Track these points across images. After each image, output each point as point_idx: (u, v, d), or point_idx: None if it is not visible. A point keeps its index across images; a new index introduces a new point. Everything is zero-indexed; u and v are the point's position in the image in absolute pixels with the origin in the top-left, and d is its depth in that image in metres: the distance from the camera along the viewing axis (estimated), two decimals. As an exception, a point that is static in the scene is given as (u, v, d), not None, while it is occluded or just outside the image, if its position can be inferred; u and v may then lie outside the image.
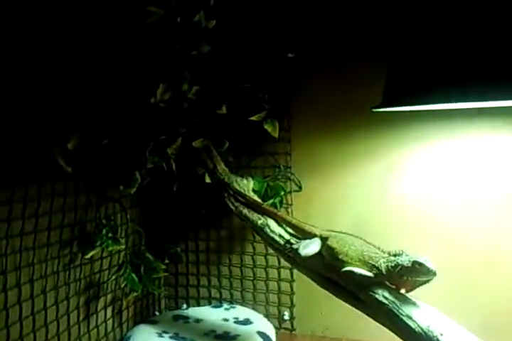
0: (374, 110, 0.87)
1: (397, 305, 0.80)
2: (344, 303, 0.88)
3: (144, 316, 1.26)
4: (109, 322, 1.12)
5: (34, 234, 0.89)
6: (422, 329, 0.76)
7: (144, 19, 0.98)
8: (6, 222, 0.84)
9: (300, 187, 1.20)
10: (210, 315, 1.22)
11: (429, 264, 0.78)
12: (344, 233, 0.90)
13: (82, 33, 0.95)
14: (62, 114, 0.87)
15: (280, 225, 1.00)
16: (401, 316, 0.79)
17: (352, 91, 1.14)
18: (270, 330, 1.17)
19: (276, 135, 1.14)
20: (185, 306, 1.31)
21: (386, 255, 0.83)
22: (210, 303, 1.30)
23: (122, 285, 1.09)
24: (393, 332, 0.81)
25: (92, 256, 1.01)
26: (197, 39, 1.04)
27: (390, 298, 0.81)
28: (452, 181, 1.10)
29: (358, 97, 1.11)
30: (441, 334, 0.74)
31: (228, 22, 1.10)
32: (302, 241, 0.94)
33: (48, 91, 0.87)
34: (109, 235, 1.00)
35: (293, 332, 1.25)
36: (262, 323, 1.20)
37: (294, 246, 0.94)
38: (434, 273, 0.77)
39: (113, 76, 0.97)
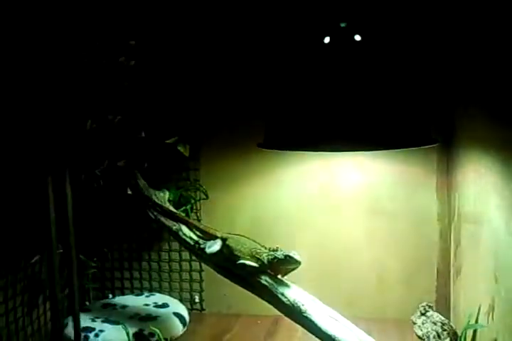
0: (258, 146, 1.17)
1: (275, 287, 1.10)
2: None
3: (77, 306, 1.48)
4: (48, 314, 1.34)
5: None
6: (290, 302, 1.08)
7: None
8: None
9: (207, 196, 1.49)
10: (134, 302, 1.45)
11: (297, 257, 1.09)
12: (239, 235, 1.20)
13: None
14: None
15: (191, 229, 1.27)
16: (277, 294, 1.09)
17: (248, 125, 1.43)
18: (184, 311, 1.42)
19: (187, 154, 1.41)
20: (111, 296, 1.56)
21: (267, 251, 1.13)
22: (132, 293, 1.55)
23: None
24: (273, 305, 1.12)
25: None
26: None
27: (270, 281, 1.11)
28: (324, 192, 1.45)
29: (254, 131, 1.39)
30: (303, 305, 1.07)
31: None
32: (208, 241, 1.22)
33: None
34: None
35: (203, 312, 1.54)
36: (177, 306, 1.43)
37: (202, 246, 1.21)
38: (300, 263, 1.09)
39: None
